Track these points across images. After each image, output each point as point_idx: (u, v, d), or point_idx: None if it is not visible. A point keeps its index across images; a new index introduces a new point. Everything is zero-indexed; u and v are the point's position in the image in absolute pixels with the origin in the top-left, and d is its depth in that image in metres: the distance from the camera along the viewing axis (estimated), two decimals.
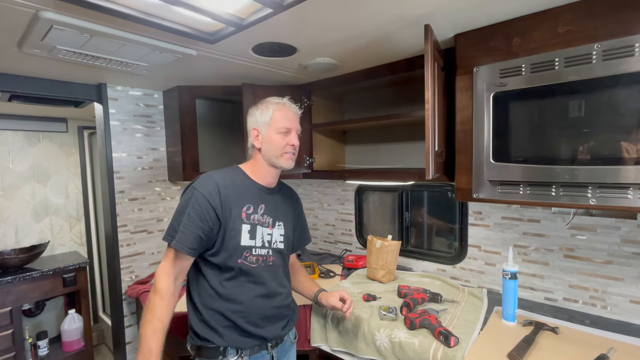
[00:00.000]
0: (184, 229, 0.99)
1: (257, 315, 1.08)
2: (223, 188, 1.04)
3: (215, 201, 1.02)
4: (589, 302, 1.35)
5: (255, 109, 1.14)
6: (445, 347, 1.10)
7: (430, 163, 1.09)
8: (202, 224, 1.00)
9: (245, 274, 1.07)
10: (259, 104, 1.15)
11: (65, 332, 2.31)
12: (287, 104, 1.15)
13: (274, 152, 1.10)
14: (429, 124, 1.07)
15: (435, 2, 0.97)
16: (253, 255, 1.08)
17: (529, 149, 1.07)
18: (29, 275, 2.05)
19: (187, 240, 0.99)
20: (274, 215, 1.15)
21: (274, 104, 1.12)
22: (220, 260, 1.04)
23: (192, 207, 1.00)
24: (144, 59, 1.36)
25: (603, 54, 0.92)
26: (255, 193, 1.12)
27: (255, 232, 1.09)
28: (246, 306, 1.06)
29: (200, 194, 1.01)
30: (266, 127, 1.10)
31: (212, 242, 1.04)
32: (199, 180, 1.05)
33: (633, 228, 1.25)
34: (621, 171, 0.91)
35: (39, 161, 2.54)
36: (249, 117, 1.15)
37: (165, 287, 1.00)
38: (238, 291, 1.06)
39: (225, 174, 1.10)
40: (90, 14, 0.98)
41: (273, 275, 1.13)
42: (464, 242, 1.67)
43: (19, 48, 1.22)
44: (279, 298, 1.14)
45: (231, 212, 1.05)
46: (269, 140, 1.10)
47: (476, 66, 1.15)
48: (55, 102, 2.02)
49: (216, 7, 0.97)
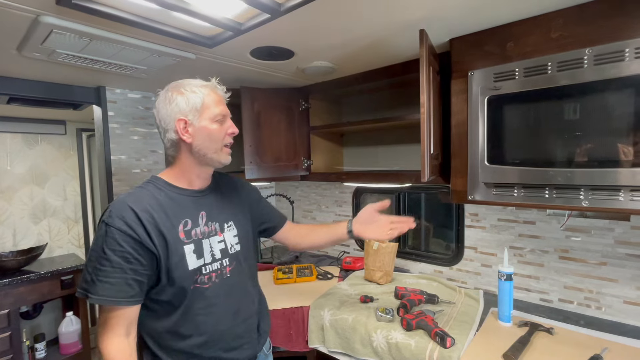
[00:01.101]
0: (109, 279, 0.77)
1: (229, 337, 0.94)
2: (143, 212, 0.82)
3: (139, 232, 0.80)
4: (584, 303, 1.36)
5: (174, 95, 0.87)
6: (441, 348, 1.11)
7: (426, 165, 1.09)
8: (130, 266, 0.79)
9: (201, 298, 0.89)
10: (172, 89, 0.89)
11: (62, 334, 2.30)
12: (217, 85, 0.94)
13: (212, 145, 0.90)
14: (424, 127, 1.08)
15: (430, 8, 0.98)
16: (204, 274, 0.90)
17: (523, 151, 1.08)
18: (26, 277, 2.05)
19: (119, 290, 0.78)
20: (220, 218, 0.98)
21: (202, 87, 0.90)
22: (170, 296, 0.86)
23: (110, 249, 0.78)
24: (143, 63, 1.37)
25: (594, 58, 0.94)
26: (188, 203, 0.92)
27: (201, 248, 0.90)
28: (211, 334, 0.90)
29: (116, 229, 0.78)
30: (197, 115, 0.88)
31: (155, 279, 0.84)
32: (110, 211, 0.81)
33: (627, 229, 1.26)
34: (613, 173, 0.92)
35: (37, 163, 2.55)
36: (166, 105, 0.87)
37: (120, 352, 0.80)
38: (198, 321, 0.89)
39: (142, 193, 0.87)
40: (90, 18, 0.99)
41: (233, 289, 0.96)
42: (461, 243, 1.69)
43: (19, 51, 1.23)
44: (246, 310, 0.99)
45: (165, 238, 0.83)
46: (204, 131, 0.88)
47: (471, 70, 1.16)
48: (54, 104, 2.03)
49: (215, 12, 0.99)
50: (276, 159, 1.81)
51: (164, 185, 0.91)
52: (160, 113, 0.89)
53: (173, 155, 0.93)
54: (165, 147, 0.93)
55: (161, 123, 0.89)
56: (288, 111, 1.85)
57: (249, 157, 1.70)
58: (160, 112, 0.89)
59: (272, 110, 1.78)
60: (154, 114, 0.91)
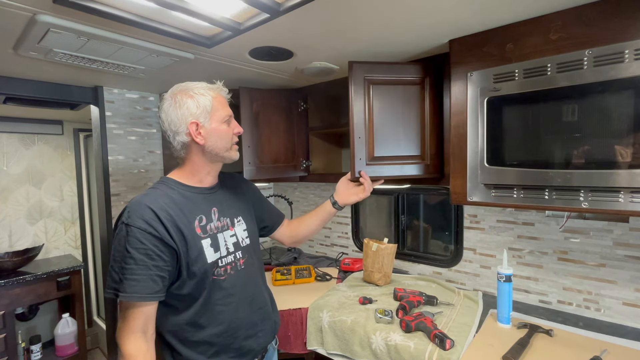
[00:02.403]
0: (135, 276, 0.80)
1: (246, 325, 0.99)
2: (161, 211, 0.85)
3: (159, 229, 0.83)
4: (583, 304, 1.36)
5: (184, 98, 0.90)
6: (440, 349, 1.10)
7: (356, 168, 1.29)
8: (154, 262, 0.82)
9: (219, 289, 0.94)
10: (180, 93, 0.92)
11: (59, 336, 2.28)
12: (223, 88, 0.99)
13: (224, 145, 0.96)
14: (353, 136, 1.26)
15: (429, 8, 0.98)
16: (220, 267, 0.94)
17: (522, 153, 1.08)
18: (22, 278, 2.03)
19: (145, 286, 0.81)
20: (230, 213, 1.03)
21: (210, 90, 0.94)
22: (191, 288, 0.90)
23: (133, 248, 0.81)
24: (141, 62, 1.37)
25: (594, 60, 0.94)
26: (200, 200, 0.96)
27: (217, 242, 0.95)
28: (229, 323, 0.95)
29: (137, 228, 0.81)
30: (208, 117, 0.92)
31: (176, 274, 0.88)
32: (128, 212, 0.84)
33: (625, 231, 1.26)
34: (612, 175, 0.92)
35: (33, 164, 2.53)
36: (177, 109, 0.90)
37: (137, 349, 0.82)
38: (217, 311, 0.93)
39: (157, 193, 0.90)
40: (88, 17, 0.98)
41: (247, 279, 1.02)
42: (460, 245, 1.68)
43: (15, 51, 1.22)
44: (260, 299, 1.05)
45: (183, 234, 0.88)
46: (215, 132, 0.93)
47: (470, 71, 1.16)
48: (51, 104, 2.01)
49: (213, 12, 0.98)
50: (275, 160, 1.80)
51: (175, 184, 0.95)
52: (170, 116, 0.91)
53: (183, 157, 0.96)
54: (174, 149, 0.95)
55: (170, 126, 0.91)
56: (287, 112, 1.84)
57: (247, 158, 1.69)
58: (170, 116, 0.91)
59: (270, 110, 1.78)
60: (161, 118, 0.93)
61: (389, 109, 1.34)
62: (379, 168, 1.33)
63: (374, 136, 1.33)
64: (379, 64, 1.31)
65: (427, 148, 1.37)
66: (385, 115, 1.33)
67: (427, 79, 1.35)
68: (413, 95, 1.35)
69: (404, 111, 1.35)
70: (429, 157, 1.38)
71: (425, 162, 1.38)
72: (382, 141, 1.34)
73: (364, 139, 1.32)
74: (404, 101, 1.35)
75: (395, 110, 1.34)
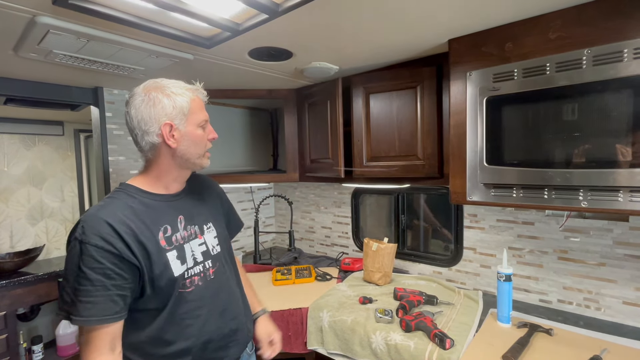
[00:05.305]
0: (91, 298, 0.73)
1: (216, 338, 0.91)
2: (120, 225, 0.77)
3: (118, 246, 0.75)
4: (583, 303, 1.36)
5: (159, 96, 0.82)
6: (440, 349, 1.11)
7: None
8: (113, 282, 0.74)
9: (184, 302, 0.86)
10: (154, 89, 0.83)
11: (60, 336, 2.29)
12: (200, 90, 0.91)
13: (197, 151, 0.88)
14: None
15: (428, 8, 0.98)
16: (186, 279, 0.87)
17: (522, 152, 1.08)
18: (23, 279, 2.04)
19: (103, 308, 0.73)
20: (199, 220, 0.95)
21: (189, 90, 0.87)
22: (157, 303, 0.83)
23: (89, 267, 0.73)
24: (141, 63, 1.37)
25: (593, 59, 0.94)
26: (164, 208, 0.88)
27: (183, 253, 0.87)
28: (198, 337, 0.87)
29: (93, 246, 0.73)
30: (184, 120, 0.84)
31: (139, 291, 0.81)
32: (82, 227, 0.75)
33: (625, 230, 1.26)
34: (612, 174, 0.92)
35: (34, 164, 2.53)
36: (149, 107, 0.82)
37: None
38: (184, 325, 0.86)
39: (115, 204, 0.81)
40: (87, 19, 0.99)
41: (218, 289, 0.94)
42: (460, 244, 1.68)
43: (15, 52, 1.22)
44: (233, 309, 0.97)
45: (146, 248, 0.79)
46: (190, 136, 0.86)
47: (469, 71, 1.16)
48: (51, 105, 2.02)
49: (212, 13, 0.98)
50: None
51: (136, 192, 0.86)
52: (141, 114, 0.82)
53: (150, 159, 0.87)
54: (139, 149, 0.87)
55: (140, 124, 0.82)
56: None
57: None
58: (142, 113, 0.82)
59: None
60: (129, 114, 0.84)
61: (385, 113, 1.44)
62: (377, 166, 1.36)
63: None
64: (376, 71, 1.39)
65: (420, 148, 1.42)
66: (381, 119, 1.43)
67: (423, 84, 1.38)
68: (407, 101, 1.43)
69: (399, 114, 1.45)
70: (425, 157, 1.39)
71: (421, 161, 1.39)
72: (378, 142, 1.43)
73: None
74: (398, 105, 1.44)
75: (390, 114, 1.44)
